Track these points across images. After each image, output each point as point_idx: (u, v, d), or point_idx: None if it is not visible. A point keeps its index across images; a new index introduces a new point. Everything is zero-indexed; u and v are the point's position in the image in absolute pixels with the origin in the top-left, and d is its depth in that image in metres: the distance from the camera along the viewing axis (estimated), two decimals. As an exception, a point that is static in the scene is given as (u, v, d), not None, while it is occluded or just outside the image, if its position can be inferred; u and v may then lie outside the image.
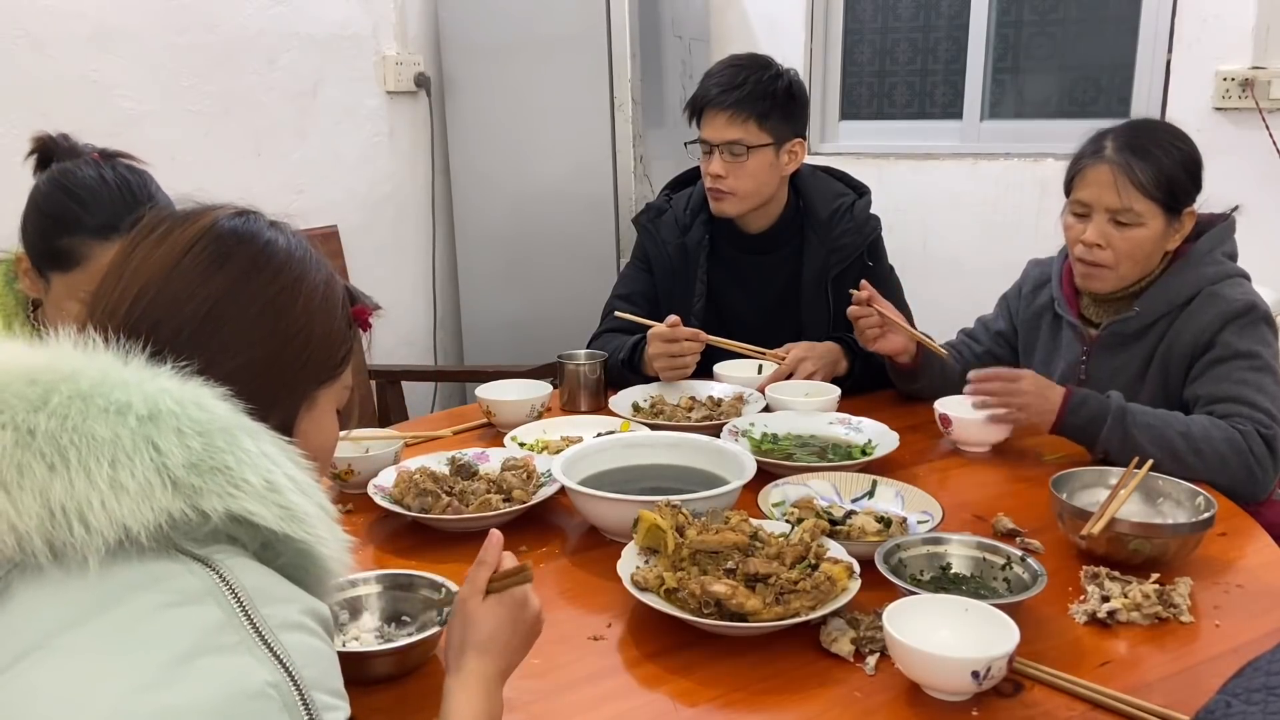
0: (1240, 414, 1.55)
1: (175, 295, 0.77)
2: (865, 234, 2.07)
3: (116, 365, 0.71)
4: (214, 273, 0.79)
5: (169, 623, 0.65)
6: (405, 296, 3.20)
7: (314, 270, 0.85)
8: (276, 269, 0.82)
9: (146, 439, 0.67)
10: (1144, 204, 1.61)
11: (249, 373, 0.77)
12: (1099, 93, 3.07)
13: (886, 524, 1.32)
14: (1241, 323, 1.60)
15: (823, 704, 1.00)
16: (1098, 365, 1.74)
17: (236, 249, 0.81)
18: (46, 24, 2.25)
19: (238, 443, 0.71)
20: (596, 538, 1.40)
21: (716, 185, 1.99)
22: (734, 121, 1.95)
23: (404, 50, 3.09)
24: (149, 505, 0.66)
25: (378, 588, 1.17)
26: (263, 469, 0.71)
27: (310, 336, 0.83)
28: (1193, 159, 1.64)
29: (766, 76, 1.97)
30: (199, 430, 0.69)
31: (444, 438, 1.81)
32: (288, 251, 0.84)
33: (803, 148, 2.05)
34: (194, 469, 0.68)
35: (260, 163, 2.74)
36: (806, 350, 1.96)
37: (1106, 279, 1.68)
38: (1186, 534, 1.25)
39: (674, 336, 1.88)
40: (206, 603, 0.66)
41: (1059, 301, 1.81)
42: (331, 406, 0.88)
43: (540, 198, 3.04)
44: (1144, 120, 1.72)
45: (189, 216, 0.83)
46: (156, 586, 0.66)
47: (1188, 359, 1.64)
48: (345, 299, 0.89)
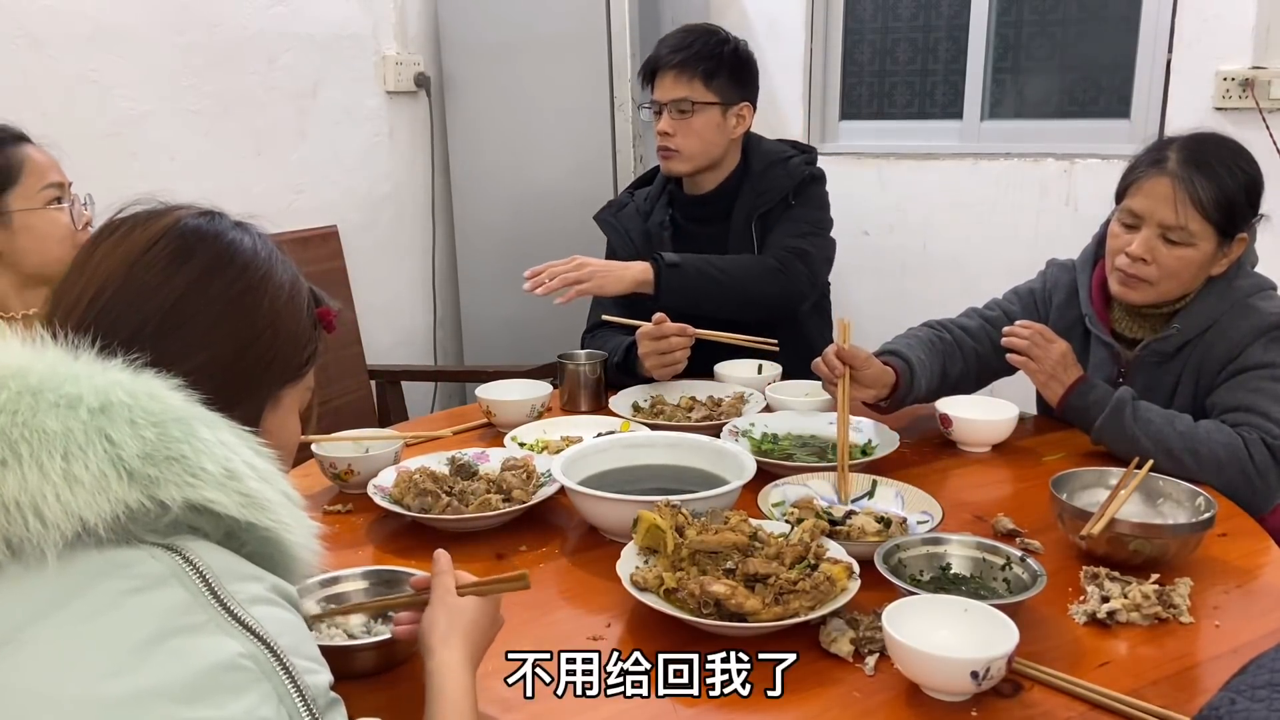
0: (1249, 422, 1.53)
1: (135, 292, 0.77)
2: (795, 177, 2.11)
3: (66, 360, 0.70)
4: (175, 270, 0.78)
5: (134, 608, 0.65)
6: (405, 296, 3.20)
7: (279, 270, 0.85)
8: (240, 268, 0.82)
9: (99, 431, 0.67)
10: (1200, 224, 1.55)
11: (211, 370, 0.77)
12: (1099, 93, 3.06)
13: (886, 524, 1.32)
14: (1271, 336, 1.57)
15: (822, 704, 1.00)
16: (1134, 385, 1.67)
17: (199, 247, 0.80)
18: (46, 24, 2.25)
19: (193, 432, 0.70)
20: (596, 538, 1.40)
21: (665, 143, 2.07)
22: (680, 80, 2.03)
23: (404, 50, 3.09)
24: (105, 497, 0.66)
25: (363, 584, 1.18)
26: (220, 457, 0.71)
27: (276, 335, 0.83)
28: (1255, 183, 1.58)
29: (714, 40, 2.06)
30: (153, 421, 0.69)
31: (444, 438, 1.81)
32: (252, 251, 0.84)
33: (750, 112, 2.11)
34: (149, 459, 0.68)
35: (260, 163, 2.74)
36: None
37: (1145, 293, 1.62)
38: (1186, 534, 1.25)
39: (661, 334, 1.89)
40: (170, 585, 0.66)
41: (1090, 317, 1.74)
42: (295, 406, 0.88)
43: (540, 198, 3.03)
44: (1210, 134, 1.62)
45: (151, 215, 0.83)
46: (119, 574, 0.66)
47: (1217, 372, 1.61)
48: (310, 300, 0.89)
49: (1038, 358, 1.66)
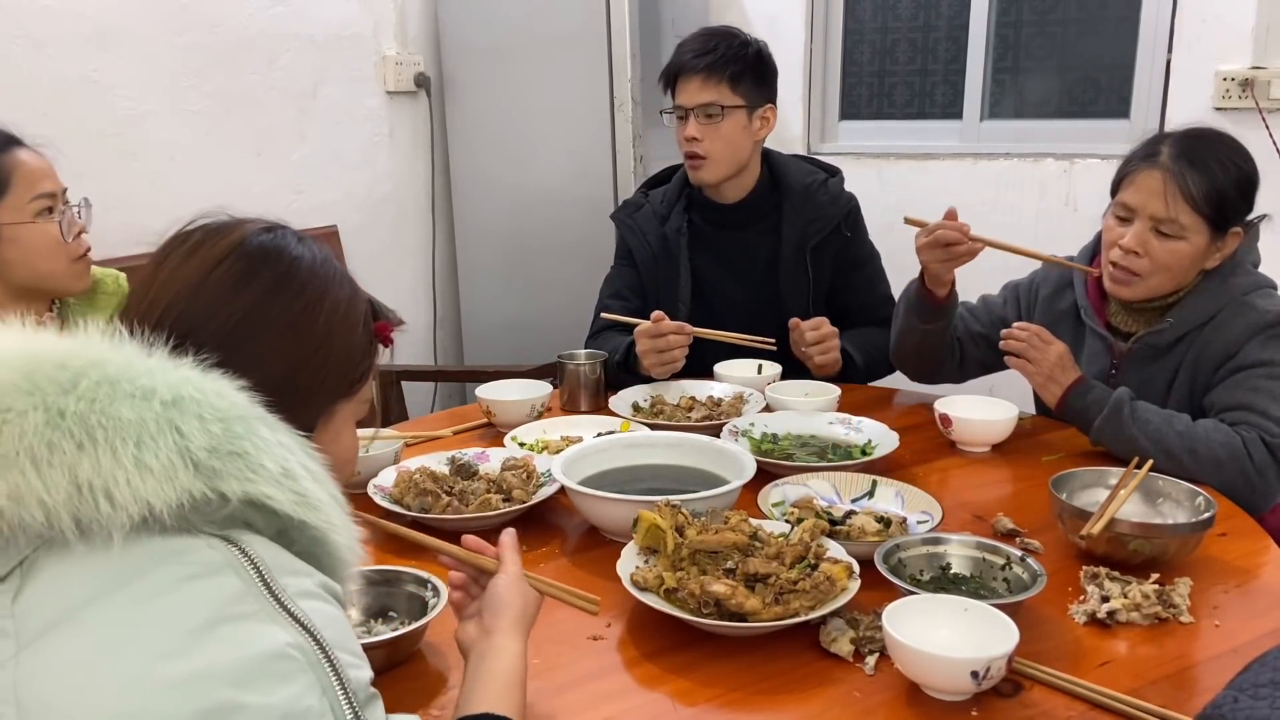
0: (1248, 421, 1.53)
1: (202, 310, 0.80)
2: (841, 205, 2.13)
3: (141, 355, 0.73)
4: (241, 289, 0.81)
5: (190, 594, 0.67)
6: (405, 296, 3.20)
7: (336, 287, 0.87)
8: (300, 286, 0.84)
9: (170, 423, 0.70)
10: (1190, 217, 1.56)
11: (267, 388, 0.78)
12: (1099, 93, 3.07)
13: (886, 524, 1.32)
14: (1269, 334, 1.57)
15: (822, 704, 1.00)
16: (1127, 378, 1.69)
17: (263, 266, 0.83)
18: (46, 24, 2.25)
19: (255, 430, 0.73)
20: (596, 538, 1.40)
21: (693, 149, 2.04)
22: (708, 84, 2.01)
23: (404, 50, 3.09)
24: (172, 485, 0.68)
25: (360, 584, 1.18)
26: (279, 456, 0.74)
27: (330, 354, 0.85)
28: (1248, 178, 1.59)
29: (737, 43, 2.04)
30: (219, 416, 0.72)
31: (444, 438, 1.81)
32: (310, 268, 0.85)
33: (774, 114, 2.10)
34: (214, 453, 0.70)
35: (260, 163, 2.74)
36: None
37: (1136, 287, 1.63)
38: (1186, 534, 1.25)
39: (659, 331, 1.88)
40: (226, 574, 0.68)
41: (1085, 310, 1.76)
42: (350, 420, 0.90)
43: (540, 198, 3.04)
44: (1205, 129, 1.63)
45: (220, 230, 0.85)
46: (177, 560, 0.68)
47: (1214, 369, 1.61)
48: (368, 314, 0.91)
49: (1035, 359, 1.66)
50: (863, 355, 2.06)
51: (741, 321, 1.99)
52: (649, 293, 2.15)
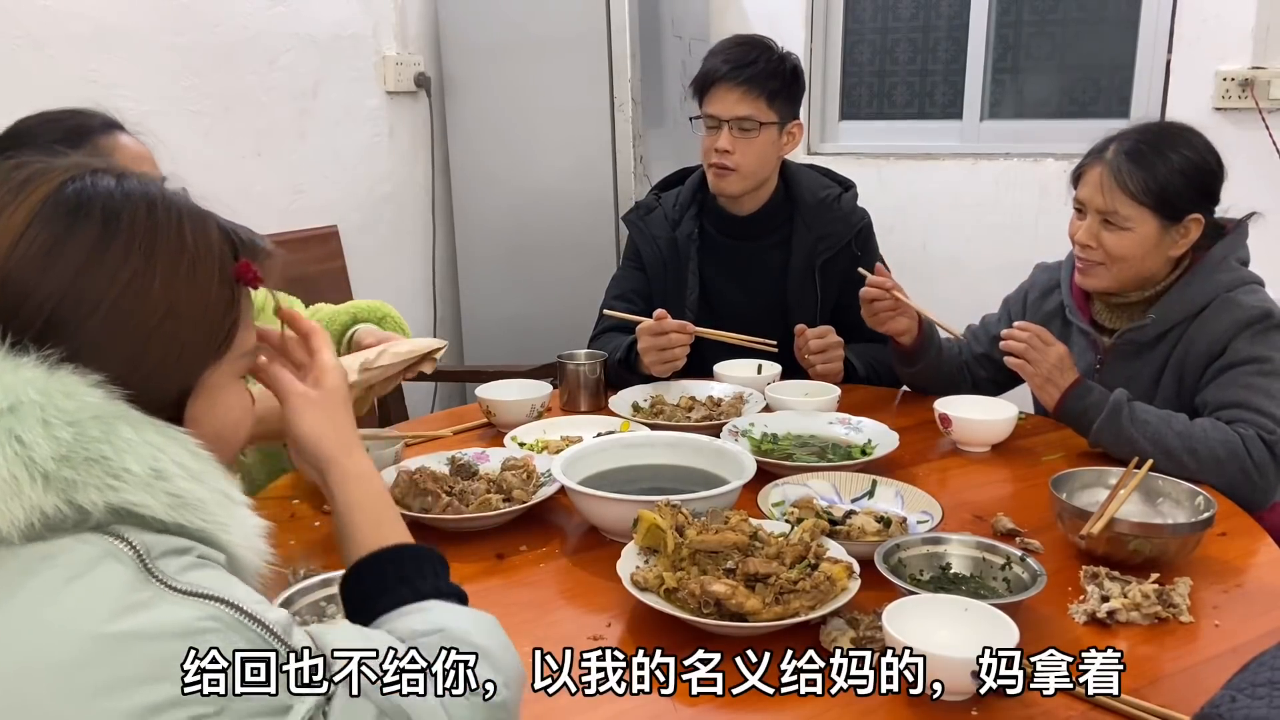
0: (1244, 419, 1.54)
1: (15, 289, 0.68)
2: (853, 222, 2.12)
3: None
4: (56, 257, 0.69)
5: (79, 595, 0.62)
6: (405, 296, 3.20)
7: (174, 235, 0.73)
8: (125, 244, 0.71)
9: (9, 432, 0.63)
10: (1131, 208, 1.61)
11: (112, 374, 0.69)
12: (1099, 93, 3.07)
13: (886, 524, 1.32)
14: (1255, 330, 1.58)
15: (822, 704, 1.00)
16: (1112, 373, 1.72)
17: (78, 226, 0.70)
18: (46, 24, 2.25)
19: (115, 431, 0.66)
20: (596, 538, 1.40)
21: (722, 161, 2.01)
22: (746, 98, 1.98)
23: (404, 50, 3.09)
24: (18, 502, 0.62)
25: None
26: (146, 456, 0.67)
27: (180, 319, 0.73)
28: (1198, 166, 1.62)
29: (774, 57, 2.02)
30: (68, 420, 0.65)
31: (444, 438, 1.81)
32: (134, 217, 0.72)
33: (800, 130, 2.09)
34: (65, 461, 0.64)
35: (260, 163, 2.74)
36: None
37: (1100, 276, 1.69)
38: (1186, 534, 1.25)
39: (661, 330, 1.88)
40: (108, 563, 0.64)
41: (1070, 308, 1.80)
42: (229, 382, 0.80)
43: (540, 198, 3.04)
44: (1160, 124, 1.72)
45: (23, 184, 0.72)
46: (51, 564, 0.63)
47: (1201, 366, 1.63)
48: (224, 256, 0.77)
49: (1034, 360, 1.66)
50: (866, 367, 2.05)
51: (746, 331, 1.98)
52: (655, 296, 2.13)
